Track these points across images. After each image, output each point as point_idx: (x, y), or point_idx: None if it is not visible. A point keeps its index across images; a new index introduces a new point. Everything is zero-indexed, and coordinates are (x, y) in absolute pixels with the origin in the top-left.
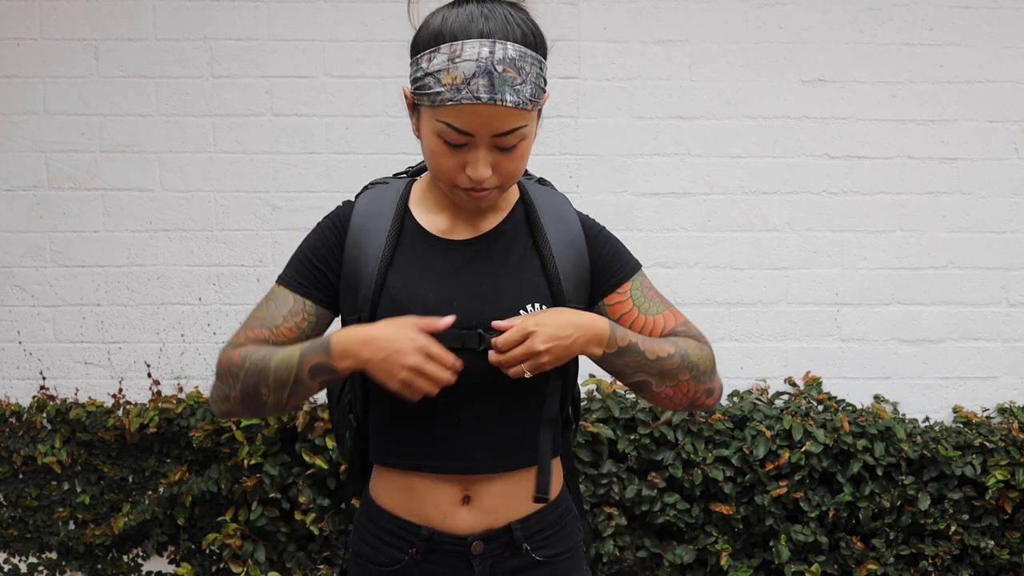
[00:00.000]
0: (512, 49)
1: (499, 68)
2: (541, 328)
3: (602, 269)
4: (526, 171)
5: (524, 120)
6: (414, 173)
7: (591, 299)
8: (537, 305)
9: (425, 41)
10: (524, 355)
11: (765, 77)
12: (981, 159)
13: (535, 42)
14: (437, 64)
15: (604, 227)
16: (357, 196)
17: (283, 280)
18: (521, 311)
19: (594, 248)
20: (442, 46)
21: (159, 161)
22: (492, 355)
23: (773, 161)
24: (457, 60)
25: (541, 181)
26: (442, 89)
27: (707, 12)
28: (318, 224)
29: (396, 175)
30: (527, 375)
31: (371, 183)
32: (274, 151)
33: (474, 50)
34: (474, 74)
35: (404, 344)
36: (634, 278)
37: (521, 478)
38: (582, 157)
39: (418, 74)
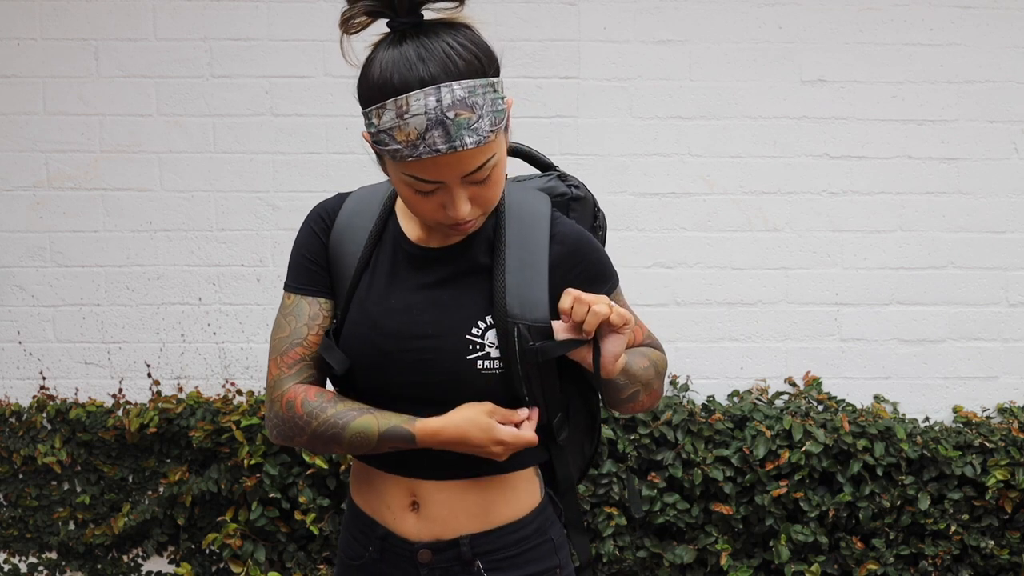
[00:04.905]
0: (459, 88)
1: (450, 115)
2: (610, 305)
3: (578, 287)
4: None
5: (490, 151)
6: None
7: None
8: (488, 320)
9: (370, 94)
10: (588, 314)
11: (765, 77)
12: (981, 159)
13: (482, 66)
14: (387, 122)
15: (587, 238)
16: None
17: (290, 288)
18: (474, 328)
19: (565, 264)
20: (387, 101)
21: (159, 161)
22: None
23: (773, 161)
24: (406, 116)
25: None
26: (399, 146)
27: (707, 12)
28: (308, 217)
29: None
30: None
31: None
32: (274, 151)
33: (420, 103)
34: (426, 128)
35: (487, 443)
36: (612, 296)
37: (469, 490)
38: (582, 157)
39: (371, 129)
